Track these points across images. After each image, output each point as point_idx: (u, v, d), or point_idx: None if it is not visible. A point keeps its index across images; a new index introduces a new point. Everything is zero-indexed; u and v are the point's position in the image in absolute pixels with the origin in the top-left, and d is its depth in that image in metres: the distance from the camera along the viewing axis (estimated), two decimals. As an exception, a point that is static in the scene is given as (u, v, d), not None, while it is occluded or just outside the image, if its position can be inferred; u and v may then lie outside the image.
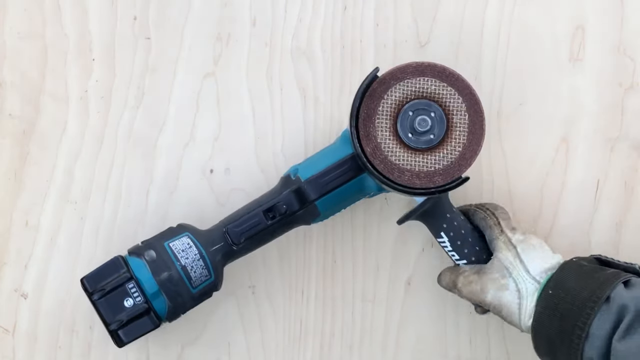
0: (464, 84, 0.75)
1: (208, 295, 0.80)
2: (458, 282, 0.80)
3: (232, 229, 0.79)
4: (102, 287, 0.76)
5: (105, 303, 0.76)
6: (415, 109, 0.75)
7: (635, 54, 0.87)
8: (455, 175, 0.75)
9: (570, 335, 0.70)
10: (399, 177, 0.75)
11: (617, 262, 0.75)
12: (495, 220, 0.80)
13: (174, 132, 0.88)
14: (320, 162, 0.79)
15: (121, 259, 0.77)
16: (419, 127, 0.75)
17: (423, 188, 0.75)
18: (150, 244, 0.78)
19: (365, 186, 0.79)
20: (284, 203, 0.79)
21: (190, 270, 0.77)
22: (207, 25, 0.88)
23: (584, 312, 0.70)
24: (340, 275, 0.89)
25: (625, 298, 0.68)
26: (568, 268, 0.75)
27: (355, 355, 0.89)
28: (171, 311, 0.78)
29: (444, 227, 0.81)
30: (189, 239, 0.78)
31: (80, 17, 0.88)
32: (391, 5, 0.88)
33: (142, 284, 0.76)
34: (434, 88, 0.75)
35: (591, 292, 0.70)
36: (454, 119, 0.75)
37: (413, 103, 0.75)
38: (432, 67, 0.75)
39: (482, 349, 0.89)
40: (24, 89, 0.88)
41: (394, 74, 0.75)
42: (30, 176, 0.88)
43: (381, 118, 0.75)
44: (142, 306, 0.76)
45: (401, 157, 0.75)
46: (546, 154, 0.88)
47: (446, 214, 0.82)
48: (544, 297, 0.74)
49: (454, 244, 0.81)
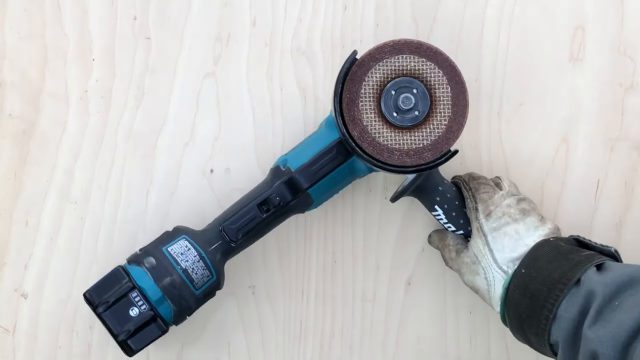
0: (443, 57, 0.75)
1: (212, 294, 0.80)
2: (442, 252, 0.83)
3: (228, 226, 0.79)
4: (105, 299, 0.76)
5: (111, 315, 0.76)
6: (397, 87, 0.75)
7: (635, 54, 0.87)
8: (444, 149, 0.75)
9: (539, 315, 0.71)
10: (389, 158, 0.75)
11: (594, 244, 0.75)
12: (473, 204, 0.80)
13: (174, 132, 0.88)
14: (308, 150, 0.79)
15: (121, 269, 0.77)
16: (402, 105, 0.74)
17: (414, 166, 0.75)
18: (148, 251, 0.78)
19: (355, 169, 0.79)
20: (277, 195, 0.79)
21: (192, 272, 0.77)
22: (207, 25, 0.88)
23: (553, 293, 0.70)
24: (340, 275, 0.89)
25: (595, 283, 0.68)
26: (543, 247, 0.75)
27: (355, 355, 0.89)
28: (177, 315, 0.78)
29: (437, 201, 0.82)
30: (186, 242, 0.78)
31: (80, 17, 0.88)
32: (391, 5, 0.88)
33: (145, 291, 0.76)
34: (413, 64, 0.75)
35: (562, 274, 0.70)
36: (437, 93, 0.75)
37: (394, 82, 0.75)
38: (409, 44, 0.75)
39: (482, 349, 0.89)
40: (24, 89, 0.88)
41: (372, 54, 0.75)
42: (30, 176, 0.88)
43: (364, 100, 0.75)
44: (148, 314, 0.76)
45: (389, 137, 0.75)
46: (546, 154, 0.88)
47: (438, 186, 0.82)
48: (516, 275, 0.74)
49: (449, 215, 0.82)
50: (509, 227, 0.78)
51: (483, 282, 0.78)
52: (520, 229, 0.78)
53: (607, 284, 0.68)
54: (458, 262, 0.81)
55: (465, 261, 0.79)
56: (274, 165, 0.81)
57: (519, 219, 0.78)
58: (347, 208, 0.88)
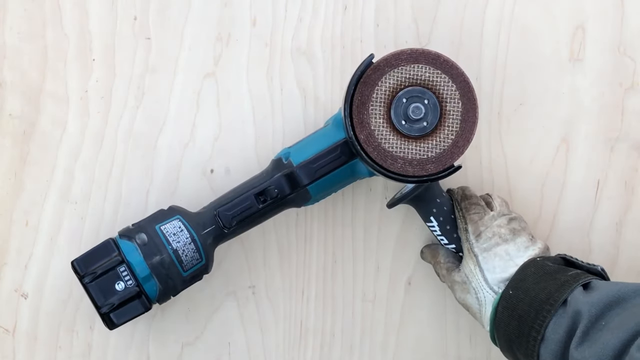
0: (458, 71, 0.75)
1: (198, 278, 0.80)
2: (434, 268, 0.84)
3: (224, 212, 0.79)
4: (93, 270, 0.77)
5: (97, 286, 0.77)
6: (409, 96, 0.75)
7: (635, 54, 0.87)
8: (448, 163, 0.75)
9: (527, 337, 0.71)
10: (392, 165, 0.75)
11: (581, 262, 0.75)
12: (464, 225, 0.81)
13: (174, 132, 0.88)
14: (312, 147, 0.79)
15: (112, 242, 0.78)
16: (412, 114, 0.75)
17: (415, 176, 0.75)
18: (141, 227, 0.78)
19: (357, 171, 0.79)
20: (276, 187, 0.79)
21: (182, 253, 0.77)
22: (207, 25, 0.88)
23: (540, 314, 0.70)
24: (340, 275, 0.89)
25: (581, 303, 0.68)
26: (529, 268, 0.75)
27: (355, 355, 0.89)
28: (162, 294, 0.78)
29: (433, 212, 0.82)
30: (180, 222, 0.78)
31: (80, 18, 0.88)
32: (391, 5, 0.88)
33: (133, 267, 0.77)
34: (428, 75, 0.75)
35: (549, 295, 0.70)
36: (448, 107, 0.75)
37: (407, 90, 0.75)
38: (427, 54, 0.75)
39: (482, 349, 0.89)
40: (24, 89, 0.88)
41: (388, 60, 0.75)
42: (30, 176, 0.88)
43: (375, 105, 0.75)
44: (133, 290, 0.76)
45: (394, 144, 0.75)
46: (546, 154, 0.88)
47: (436, 198, 0.82)
48: (504, 297, 0.74)
49: (443, 228, 0.82)
50: (499, 247, 0.78)
51: (474, 302, 0.78)
52: (511, 249, 0.78)
53: (593, 304, 0.67)
54: (450, 279, 0.81)
55: (456, 280, 0.80)
56: (276, 157, 0.81)
57: (509, 239, 0.78)
58: (347, 208, 0.88)
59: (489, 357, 0.89)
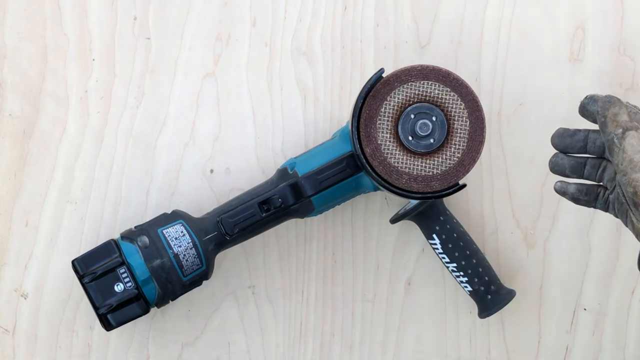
0: (467, 89, 0.75)
1: (198, 283, 0.80)
2: None
3: (226, 219, 0.79)
4: (93, 270, 0.77)
5: (96, 286, 0.77)
6: (417, 112, 0.75)
7: (635, 54, 0.87)
8: (453, 181, 0.75)
9: None
10: (397, 180, 0.75)
11: None
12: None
13: (174, 132, 0.88)
14: (318, 158, 0.79)
15: (114, 243, 0.78)
16: (419, 131, 0.75)
17: (420, 192, 0.75)
18: (143, 230, 0.78)
19: (361, 184, 0.79)
20: (280, 196, 0.79)
21: (183, 258, 0.77)
22: (207, 25, 0.88)
23: None
24: (340, 275, 0.89)
25: None
26: None
27: (355, 355, 0.89)
28: (160, 298, 0.78)
29: (436, 230, 0.82)
30: (182, 227, 0.79)
31: (80, 18, 0.88)
32: (391, 5, 0.88)
33: (133, 270, 0.77)
34: (437, 92, 0.75)
35: None
36: (455, 125, 0.75)
37: (415, 106, 0.75)
38: (437, 71, 0.75)
39: (482, 349, 0.89)
40: (24, 89, 0.88)
41: (398, 76, 0.75)
42: (30, 176, 0.88)
43: (383, 119, 0.75)
44: (132, 292, 0.77)
45: (400, 159, 0.75)
46: (546, 154, 0.88)
47: (439, 216, 0.82)
48: None
49: (445, 246, 0.82)
50: None
51: None
52: None
53: None
54: None
55: None
56: (282, 166, 0.81)
57: None
58: (347, 208, 0.88)
59: (489, 357, 0.89)
